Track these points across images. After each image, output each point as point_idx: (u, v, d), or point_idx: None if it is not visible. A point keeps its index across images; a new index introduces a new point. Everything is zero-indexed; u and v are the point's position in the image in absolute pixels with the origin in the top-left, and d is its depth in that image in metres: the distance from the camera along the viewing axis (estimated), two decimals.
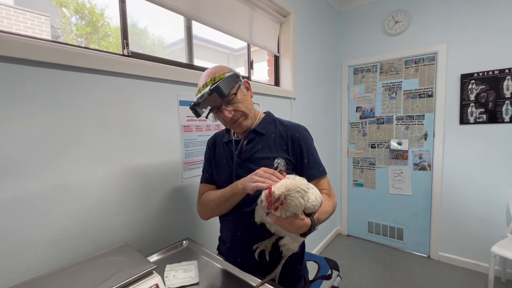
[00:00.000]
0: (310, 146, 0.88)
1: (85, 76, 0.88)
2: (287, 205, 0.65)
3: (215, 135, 1.02)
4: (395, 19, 2.52)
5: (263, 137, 0.88)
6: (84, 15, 1.73)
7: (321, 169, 0.87)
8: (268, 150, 0.86)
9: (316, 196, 0.72)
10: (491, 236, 2.15)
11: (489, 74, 2.10)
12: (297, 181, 0.68)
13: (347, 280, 2.19)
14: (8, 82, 0.72)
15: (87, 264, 0.74)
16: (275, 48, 2.08)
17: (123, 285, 0.64)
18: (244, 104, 0.84)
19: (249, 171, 0.82)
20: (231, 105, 0.82)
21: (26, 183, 0.76)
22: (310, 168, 0.86)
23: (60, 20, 1.67)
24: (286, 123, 0.91)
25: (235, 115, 0.83)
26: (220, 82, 0.78)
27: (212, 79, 0.80)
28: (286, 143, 0.87)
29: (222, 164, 0.93)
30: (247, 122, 0.86)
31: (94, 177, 0.91)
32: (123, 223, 0.99)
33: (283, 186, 0.64)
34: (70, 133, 0.85)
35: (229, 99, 0.81)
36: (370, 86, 2.74)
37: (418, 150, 2.51)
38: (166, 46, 1.90)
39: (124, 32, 1.08)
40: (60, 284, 0.64)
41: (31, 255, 0.77)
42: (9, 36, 0.73)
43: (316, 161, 0.87)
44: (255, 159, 0.86)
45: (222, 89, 0.77)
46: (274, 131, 0.89)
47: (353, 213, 2.99)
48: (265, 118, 0.92)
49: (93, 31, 1.61)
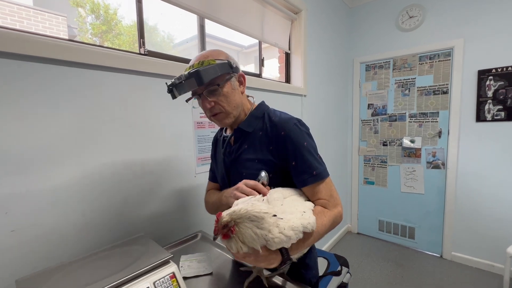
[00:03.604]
0: (299, 145, 0.71)
1: (104, 74, 0.92)
2: (241, 236, 0.54)
3: (217, 132, 0.98)
4: (409, 14, 2.46)
5: (249, 135, 0.78)
6: (99, 14, 1.78)
7: (315, 174, 0.71)
8: (253, 151, 0.76)
9: (292, 228, 0.56)
10: (507, 236, 2.09)
11: (508, 69, 2.03)
12: (257, 205, 0.56)
13: (357, 277, 2.18)
14: (37, 81, 0.77)
15: (108, 252, 0.79)
16: (286, 45, 2.08)
17: (141, 273, 0.67)
18: (229, 99, 0.74)
19: (238, 174, 0.78)
20: (213, 95, 0.72)
21: (52, 175, 0.80)
22: (299, 172, 0.71)
23: (77, 20, 1.71)
24: (275, 118, 0.77)
25: (215, 108, 0.74)
26: (202, 68, 0.67)
27: (200, 63, 0.70)
28: (271, 143, 0.74)
29: (219, 161, 0.88)
30: (227, 120, 0.77)
31: (113, 170, 0.95)
32: (139, 215, 1.03)
33: (235, 212, 0.54)
34: (92, 128, 0.89)
35: (211, 89, 0.71)
36: (383, 83, 2.70)
37: (432, 148, 2.46)
38: (178, 44, 1.93)
39: (140, 31, 1.12)
40: (83, 270, 0.69)
41: (55, 244, 0.82)
42: (39, 37, 0.77)
43: (307, 164, 0.71)
44: (242, 161, 0.78)
45: (202, 75, 0.66)
46: (261, 127, 0.78)
47: (364, 211, 2.97)
48: (253, 112, 0.80)
49: (108, 29, 1.66)
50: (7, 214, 0.72)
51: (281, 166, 0.74)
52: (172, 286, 0.70)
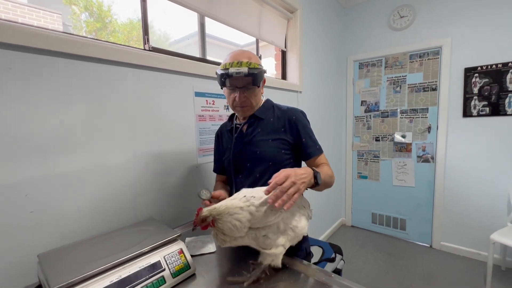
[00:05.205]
0: (306, 127, 0.94)
1: (112, 68, 0.98)
2: (221, 230, 0.66)
3: (221, 126, 1.11)
4: (400, 14, 2.56)
5: (262, 122, 0.96)
6: (93, 12, 1.82)
7: (318, 147, 0.94)
8: (266, 132, 0.94)
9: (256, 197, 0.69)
10: (492, 226, 2.20)
11: (492, 67, 2.14)
12: (234, 202, 0.68)
13: (351, 266, 2.28)
14: (54, 76, 0.83)
15: (119, 232, 0.85)
16: (283, 43, 2.15)
17: (152, 248, 0.74)
18: (256, 97, 0.93)
19: (250, 154, 0.93)
20: (248, 92, 0.90)
21: (66, 162, 0.86)
22: (308, 147, 0.92)
23: (71, 17, 1.74)
24: (283, 107, 0.98)
25: (245, 102, 0.91)
26: (258, 72, 0.85)
27: (248, 63, 0.84)
28: (284, 125, 0.94)
29: (227, 149, 1.02)
30: (250, 112, 0.95)
31: (122, 159, 1.01)
32: (146, 201, 1.10)
33: (215, 209, 0.66)
34: (101, 120, 0.95)
35: (251, 87, 0.89)
36: (375, 80, 2.80)
37: (422, 142, 2.56)
38: (178, 40, 1.99)
39: (145, 28, 1.18)
40: (101, 246, 0.75)
41: (68, 225, 0.88)
42: (53, 33, 0.83)
43: (312, 140, 0.94)
44: (255, 142, 0.93)
45: (258, 78, 0.86)
46: (273, 115, 0.97)
47: (357, 205, 3.07)
48: (264, 104, 1.00)
49: (102, 27, 1.70)
50: (27, 197, 0.78)
51: (292, 142, 0.93)
52: (180, 260, 0.76)
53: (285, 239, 0.70)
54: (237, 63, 0.84)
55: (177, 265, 0.74)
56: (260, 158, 0.92)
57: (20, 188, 0.77)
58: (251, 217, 0.66)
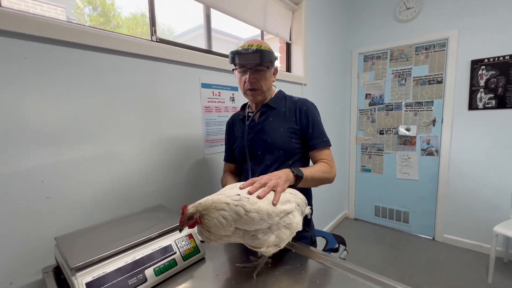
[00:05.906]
0: (315, 118, 0.96)
1: (123, 59, 0.99)
2: (206, 227, 0.61)
3: (232, 116, 1.14)
4: (406, 5, 2.53)
5: (274, 111, 0.99)
6: (96, 6, 1.83)
7: (325, 140, 0.95)
8: (278, 121, 0.96)
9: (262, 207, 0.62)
10: (495, 219, 2.21)
11: (499, 59, 2.12)
12: (221, 196, 0.63)
13: (354, 258, 2.31)
14: (65, 64, 0.85)
15: (131, 217, 0.89)
16: (287, 35, 2.15)
17: (163, 232, 0.77)
18: (266, 81, 0.95)
19: (262, 141, 0.96)
20: (258, 74, 0.92)
21: (79, 150, 0.89)
22: (314, 137, 0.94)
23: (74, 11, 1.75)
24: (295, 98, 1.02)
25: (255, 84, 0.93)
26: (265, 49, 0.88)
27: (259, 45, 0.89)
28: (295, 115, 0.96)
29: (238, 138, 1.05)
30: (259, 97, 0.97)
31: (132, 148, 1.04)
32: (155, 190, 1.13)
33: (201, 204, 0.62)
34: (112, 109, 0.97)
35: (261, 68, 0.91)
36: (380, 73, 2.78)
37: (426, 136, 2.56)
38: (184, 33, 2.01)
39: (152, 20, 1.19)
40: (112, 230, 0.78)
41: (82, 210, 0.91)
42: (67, 24, 0.85)
43: (320, 132, 0.95)
44: (267, 130, 0.96)
45: (265, 54, 0.88)
46: (285, 105, 1.00)
47: (360, 198, 3.09)
48: (277, 94, 1.03)
49: (106, 21, 1.72)
50: (43, 182, 0.81)
51: (302, 131, 0.96)
52: (190, 244, 0.79)
53: (279, 238, 0.66)
54: (248, 45, 0.89)
55: (187, 249, 0.77)
56: (271, 146, 0.94)
57: (36, 175, 0.80)
58: (238, 217, 0.61)
